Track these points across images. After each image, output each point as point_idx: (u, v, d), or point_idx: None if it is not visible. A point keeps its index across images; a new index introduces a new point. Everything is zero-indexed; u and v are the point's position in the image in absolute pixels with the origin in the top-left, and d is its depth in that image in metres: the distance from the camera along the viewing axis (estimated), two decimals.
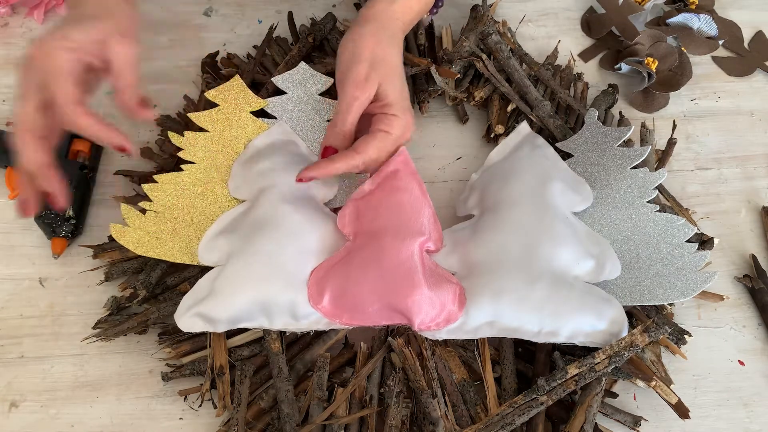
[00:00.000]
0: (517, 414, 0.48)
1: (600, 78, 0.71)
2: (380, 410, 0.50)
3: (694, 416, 0.51)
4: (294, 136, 0.60)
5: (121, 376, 0.53)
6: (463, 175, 0.64)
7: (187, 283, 0.55)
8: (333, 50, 0.68)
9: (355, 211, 0.55)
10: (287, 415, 0.49)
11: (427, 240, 0.53)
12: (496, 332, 0.51)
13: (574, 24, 0.76)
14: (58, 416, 0.51)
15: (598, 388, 0.49)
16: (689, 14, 0.74)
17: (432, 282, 0.50)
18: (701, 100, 0.70)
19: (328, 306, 0.50)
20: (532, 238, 0.53)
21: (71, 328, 0.54)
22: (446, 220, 0.58)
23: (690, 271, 0.53)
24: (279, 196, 0.54)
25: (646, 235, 0.55)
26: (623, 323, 0.50)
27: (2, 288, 0.56)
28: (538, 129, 0.63)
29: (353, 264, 0.51)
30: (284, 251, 0.51)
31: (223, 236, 0.53)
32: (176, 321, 0.50)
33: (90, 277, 0.57)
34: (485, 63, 0.65)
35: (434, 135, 0.67)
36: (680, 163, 0.66)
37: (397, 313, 0.50)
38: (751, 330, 0.57)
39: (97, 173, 0.62)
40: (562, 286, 0.51)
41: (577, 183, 0.58)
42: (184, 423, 0.51)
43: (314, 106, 0.62)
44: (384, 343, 0.53)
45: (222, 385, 0.50)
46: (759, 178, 0.65)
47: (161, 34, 0.72)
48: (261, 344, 0.52)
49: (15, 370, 0.53)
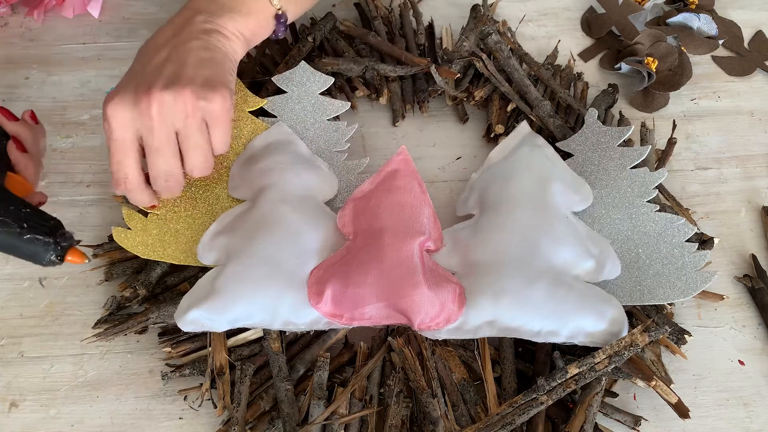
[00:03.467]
0: (517, 414, 0.48)
1: (600, 78, 0.71)
2: (380, 410, 0.50)
3: (694, 416, 0.51)
4: (293, 136, 0.60)
5: (121, 376, 0.53)
6: (463, 174, 0.64)
7: (187, 283, 0.55)
8: (333, 50, 0.68)
9: (355, 210, 0.55)
10: (287, 415, 0.49)
11: (427, 239, 0.53)
12: (496, 332, 0.51)
13: (574, 24, 0.76)
14: (58, 416, 0.51)
15: (598, 387, 0.49)
16: (689, 14, 0.74)
17: (432, 281, 0.50)
18: (701, 99, 0.70)
19: (328, 306, 0.50)
20: (532, 238, 0.53)
21: (71, 328, 0.54)
22: (446, 220, 0.58)
23: (690, 271, 0.53)
24: (279, 195, 0.54)
25: (646, 234, 0.55)
26: (623, 323, 0.50)
27: (2, 288, 0.56)
28: (538, 129, 0.63)
29: (353, 263, 0.51)
30: (284, 251, 0.51)
31: (223, 236, 0.53)
32: (176, 321, 0.50)
33: (90, 277, 0.57)
34: (485, 63, 0.65)
35: (434, 135, 0.67)
36: (680, 163, 0.66)
37: (397, 313, 0.50)
38: (751, 330, 0.57)
39: (94, 173, 0.62)
40: (562, 286, 0.51)
41: (577, 183, 0.58)
42: (184, 423, 0.51)
43: (315, 106, 0.62)
44: (384, 343, 0.53)
45: (222, 385, 0.50)
46: (759, 178, 0.65)
47: None
48: (261, 344, 0.52)
49: (15, 369, 0.53)
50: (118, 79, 0.68)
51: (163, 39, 0.51)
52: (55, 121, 0.65)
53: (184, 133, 0.49)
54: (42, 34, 0.71)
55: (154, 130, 0.48)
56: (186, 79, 0.48)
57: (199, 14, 0.52)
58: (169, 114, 0.47)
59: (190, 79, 0.48)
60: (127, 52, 0.70)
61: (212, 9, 0.53)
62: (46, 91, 0.67)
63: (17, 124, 0.53)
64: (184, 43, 0.50)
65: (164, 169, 0.49)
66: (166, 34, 0.52)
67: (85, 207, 0.60)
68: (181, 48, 0.50)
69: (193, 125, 0.49)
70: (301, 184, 0.56)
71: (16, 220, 0.49)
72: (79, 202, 0.61)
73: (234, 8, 0.54)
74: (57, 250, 0.49)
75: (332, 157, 0.60)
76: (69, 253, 0.50)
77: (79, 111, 0.66)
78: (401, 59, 0.66)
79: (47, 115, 0.65)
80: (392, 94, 0.67)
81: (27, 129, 0.54)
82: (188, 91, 0.47)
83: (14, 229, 0.49)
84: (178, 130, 0.49)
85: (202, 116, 0.49)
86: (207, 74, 0.49)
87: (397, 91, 0.67)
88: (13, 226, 0.49)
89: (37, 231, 0.49)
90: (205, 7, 0.53)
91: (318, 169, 0.58)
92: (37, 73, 0.68)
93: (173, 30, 0.52)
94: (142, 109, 0.47)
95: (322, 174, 0.58)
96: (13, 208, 0.49)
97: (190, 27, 0.51)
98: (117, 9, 0.73)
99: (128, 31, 0.72)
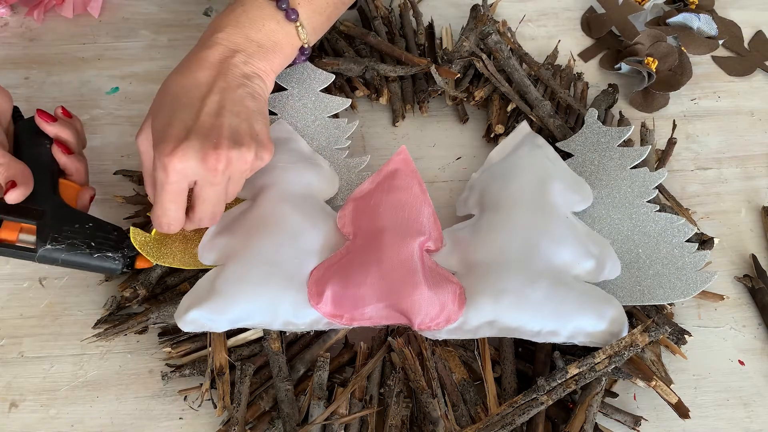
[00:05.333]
0: (517, 414, 0.48)
1: (600, 78, 0.71)
2: (380, 410, 0.50)
3: (694, 416, 0.51)
4: (294, 134, 0.60)
5: (121, 376, 0.53)
6: (463, 175, 0.64)
7: (187, 283, 0.55)
8: (333, 50, 0.68)
9: (355, 210, 0.55)
10: (287, 415, 0.49)
11: (427, 239, 0.53)
12: (496, 332, 0.51)
13: (574, 24, 0.76)
14: (58, 416, 0.51)
15: (598, 388, 0.49)
16: (689, 14, 0.74)
17: (432, 282, 0.50)
18: (701, 100, 0.70)
19: (328, 306, 0.50)
20: (532, 238, 0.53)
21: (71, 328, 0.54)
22: (446, 220, 0.58)
23: (690, 271, 0.53)
24: (279, 194, 0.54)
25: (646, 235, 0.55)
26: (623, 323, 0.50)
27: (2, 288, 0.56)
28: (538, 129, 0.63)
29: (353, 264, 0.51)
30: (284, 251, 0.51)
31: (223, 236, 0.53)
32: (176, 321, 0.50)
33: (90, 277, 0.57)
34: (485, 63, 0.65)
35: (434, 135, 0.67)
36: (680, 163, 0.66)
37: (397, 313, 0.50)
38: (751, 330, 0.57)
39: (94, 173, 0.62)
40: (562, 286, 0.51)
41: (577, 183, 0.58)
42: (184, 423, 0.51)
43: (315, 103, 0.62)
44: (384, 343, 0.52)
45: (222, 385, 0.50)
46: (759, 178, 0.65)
47: (161, 34, 0.72)
48: (261, 344, 0.52)
49: (15, 369, 0.53)
50: (118, 80, 0.69)
51: (206, 78, 0.50)
52: None
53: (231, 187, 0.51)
54: (42, 34, 0.71)
55: (214, 184, 0.48)
56: (247, 138, 0.49)
57: (238, 54, 0.52)
58: (231, 170, 0.48)
59: (251, 137, 0.49)
60: (127, 52, 0.70)
61: (250, 49, 0.53)
62: (46, 91, 0.67)
63: (56, 126, 0.53)
64: (234, 90, 0.50)
65: (209, 215, 0.51)
66: (208, 72, 0.51)
67: None
68: (232, 97, 0.50)
69: (241, 181, 0.51)
70: (302, 182, 0.56)
71: (84, 240, 0.50)
72: None
73: (267, 47, 0.54)
74: (125, 261, 0.50)
75: (333, 154, 0.60)
76: (137, 261, 0.52)
77: (79, 111, 0.66)
78: (401, 59, 0.66)
79: None
80: (392, 94, 0.67)
81: (65, 128, 0.54)
82: (252, 151, 0.49)
83: (84, 250, 0.50)
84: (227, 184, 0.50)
85: (253, 171, 0.51)
86: (260, 129, 0.51)
87: (397, 91, 0.67)
88: (82, 247, 0.50)
89: (104, 247, 0.50)
90: (242, 45, 0.53)
91: (319, 167, 0.58)
92: (37, 73, 0.68)
93: (215, 69, 0.51)
94: (209, 165, 0.47)
95: (323, 172, 0.58)
96: (78, 227, 0.50)
97: (233, 70, 0.51)
98: (117, 9, 0.73)
99: (128, 31, 0.72)
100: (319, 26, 0.58)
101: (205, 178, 0.48)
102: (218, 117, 0.49)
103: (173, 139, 0.47)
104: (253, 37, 0.53)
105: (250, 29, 0.53)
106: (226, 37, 0.53)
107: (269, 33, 0.54)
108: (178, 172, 0.47)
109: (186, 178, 0.48)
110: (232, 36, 0.53)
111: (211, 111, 0.49)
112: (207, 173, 0.47)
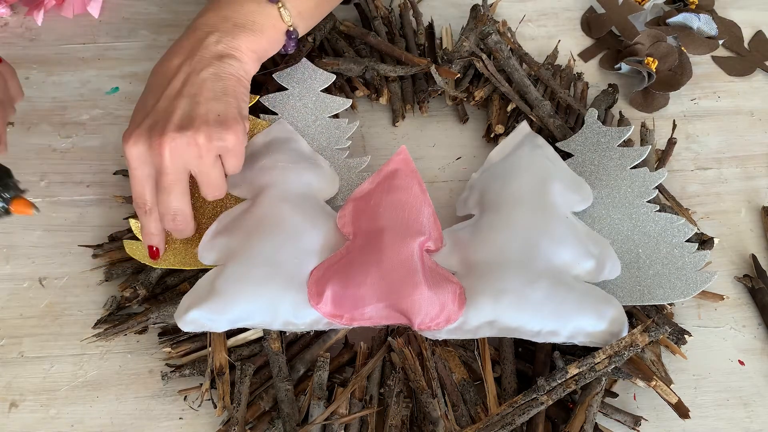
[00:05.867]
0: (517, 414, 0.48)
1: (600, 78, 0.71)
2: (380, 410, 0.50)
3: (694, 416, 0.51)
4: (294, 134, 0.60)
5: (121, 376, 0.53)
6: (463, 175, 0.64)
7: (187, 283, 0.55)
8: (333, 50, 0.68)
9: (355, 210, 0.55)
10: (287, 415, 0.49)
11: (427, 239, 0.53)
12: (496, 332, 0.51)
13: (574, 24, 0.76)
14: (58, 416, 0.51)
15: (598, 388, 0.49)
16: (689, 14, 0.74)
17: (432, 282, 0.50)
18: (701, 100, 0.70)
19: (328, 306, 0.50)
20: (532, 238, 0.53)
21: (71, 328, 0.54)
22: (446, 220, 0.58)
23: (690, 271, 0.53)
24: (279, 194, 0.54)
25: (646, 235, 0.55)
26: (623, 323, 0.50)
27: (2, 288, 0.56)
28: (538, 129, 0.63)
29: (353, 264, 0.51)
30: (284, 251, 0.51)
31: (223, 236, 0.53)
32: (176, 321, 0.50)
33: (90, 277, 0.57)
34: (485, 63, 0.65)
35: (434, 135, 0.67)
36: (680, 163, 0.66)
37: (397, 313, 0.50)
38: (751, 330, 0.57)
39: (94, 173, 0.62)
40: (562, 286, 0.51)
41: (577, 183, 0.58)
42: (184, 423, 0.51)
43: (316, 103, 0.62)
44: (384, 343, 0.52)
45: (222, 385, 0.50)
46: (759, 178, 0.65)
47: (161, 34, 0.72)
48: (261, 344, 0.52)
49: (15, 369, 0.53)
50: (118, 79, 0.69)
51: (175, 63, 0.51)
52: (55, 121, 0.65)
53: (197, 170, 0.50)
54: (42, 34, 0.71)
55: (165, 171, 0.48)
56: (199, 120, 0.48)
57: (212, 34, 0.52)
58: (182, 156, 0.48)
59: (203, 120, 0.48)
60: (127, 52, 0.70)
61: (225, 28, 0.53)
62: (46, 91, 0.67)
63: None
64: (197, 73, 0.50)
65: (173, 207, 0.50)
66: (179, 57, 0.51)
67: (85, 207, 0.60)
68: (193, 79, 0.50)
69: (206, 163, 0.49)
70: (302, 183, 0.56)
71: None
72: (79, 202, 0.60)
73: (245, 26, 0.53)
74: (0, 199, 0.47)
75: (333, 154, 0.60)
76: (14, 203, 0.47)
77: (79, 111, 0.66)
78: (401, 59, 0.66)
79: (47, 115, 0.65)
80: (392, 94, 0.67)
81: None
82: (202, 134, 0.48)
83: None
84: (191, 169, 0.49)
85: (216, 153, 0.50)
86: (220, 109, 0.49)
87: (397, 91, 0.67)
88: None
89: None
90: (218, 25, 0.53)
91: (319, 167, 0.58)
92: (37, 73, 0.68)
93: (186, 53, 0.51)
94: (155, 152, 0.48)
95: (323, 173, 0.58)
96: None
97: (203, 51, 0.51)
98: (117, 9, 0.73)
99: (128, 31, 0.72)
100: (307, 11, 0.57)
101: (157, 165, 0.48)
102: (174, 102, 0.49)
103: (131, 124, 0.49)
104: (229, 17, 0.53)
105: (228, 10, 0.53)
106: (204, 21, 0.53)
107: (248, 14, 0.54)
108: (134, 159, 0.48)
109: (143, 165, 0.48)
110: (210, 19, 0.53)
111: (170, 95, 0.50)
112: (155, 159, 0.48)
